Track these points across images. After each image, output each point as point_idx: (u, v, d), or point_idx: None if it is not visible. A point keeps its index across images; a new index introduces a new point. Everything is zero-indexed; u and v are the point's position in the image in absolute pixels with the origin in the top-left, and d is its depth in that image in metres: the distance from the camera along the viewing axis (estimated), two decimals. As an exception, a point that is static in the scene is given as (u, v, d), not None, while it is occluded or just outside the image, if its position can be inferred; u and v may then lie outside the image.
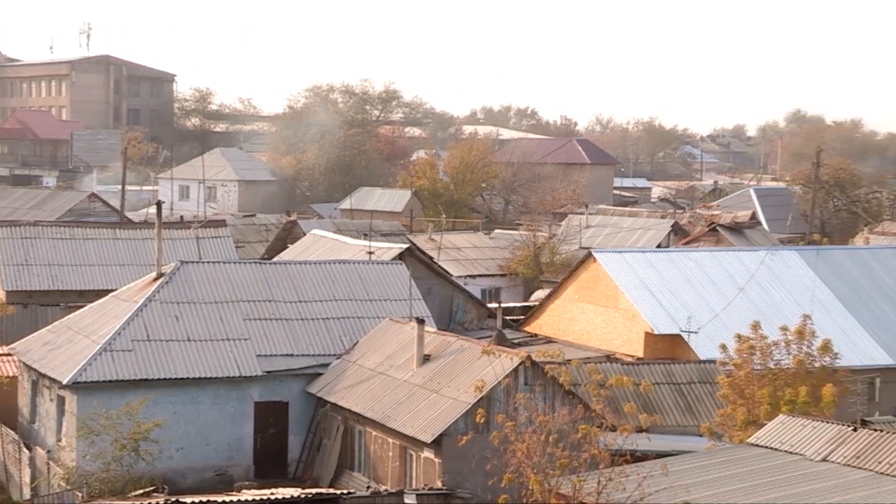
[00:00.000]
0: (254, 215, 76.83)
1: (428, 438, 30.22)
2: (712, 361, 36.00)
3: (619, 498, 22.20)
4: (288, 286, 38.98)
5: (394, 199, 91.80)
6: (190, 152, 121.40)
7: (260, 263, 41.38)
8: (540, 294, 56.19)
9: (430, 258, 54.81)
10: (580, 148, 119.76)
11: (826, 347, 31.93)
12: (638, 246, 66.10)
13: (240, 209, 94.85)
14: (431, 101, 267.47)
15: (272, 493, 28.42)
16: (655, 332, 41.93)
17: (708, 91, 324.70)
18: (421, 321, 34.57)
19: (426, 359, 33.64)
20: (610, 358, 40.91)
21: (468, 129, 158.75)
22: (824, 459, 23.70)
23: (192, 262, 39.89)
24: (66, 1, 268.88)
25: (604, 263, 44.99)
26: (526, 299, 60.25)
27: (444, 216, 79.95)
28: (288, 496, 28.08)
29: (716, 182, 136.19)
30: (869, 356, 41.85)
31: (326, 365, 36.63)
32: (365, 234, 55.12)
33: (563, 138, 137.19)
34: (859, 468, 22.96)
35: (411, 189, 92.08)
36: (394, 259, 44.27)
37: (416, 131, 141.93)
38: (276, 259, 48.74)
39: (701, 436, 32.01)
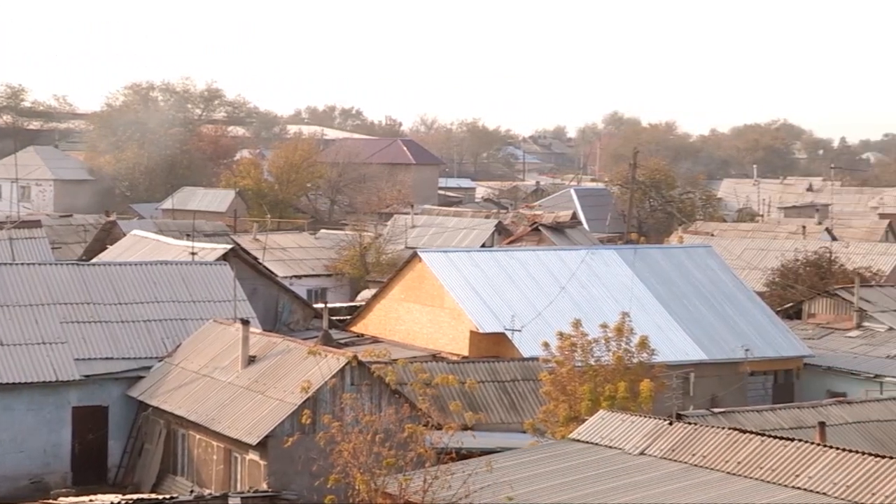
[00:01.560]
0: (71, 215, 74.70)
1: (253, 441, 29.95)
2: (535, 359, 36.59)
3: (445, 496, 22.39)
4: (107, 288, 38.10)
5: (217, 199, 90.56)
6: (2, 150, 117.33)
7: (78, 265, 40.31)
8: (366, 294, 56.23)
9: (255, 259, 54.28)
10: (405, 148, 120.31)
11: (643, 344, 32.81)
12: (463, 245, 66.76)
13: (56, 209, 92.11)
14: (255, 100, 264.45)
15: (90, 500, 27.74)
16: (480, 331, 42.42)
17: (530, 93, 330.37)
18: (246, 322, 34.23)
19: (251, 360, 33.32)
20: (436, 357, 41.20)
21: (293, 128, 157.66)
22: (642, 453, 24.36)
23: (5, 263, 38.61)
24: None
25: (429, 263, 45.29)
26: (352, 299, 60.21)
27: (268, 216, 79.22)
28: (107, 502, 27.44)
29: (538, 182, 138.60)
30: (684, 352, 43.19)
31: (148, 368, 35.94)
32: (188, 235, 54.18)
33: (389, 138, 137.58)
34: (675, 461, 23.68)
35: (235, 189, 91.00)
36: (217, 260, 43.70)
37: (239, 131, 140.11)
38: (94, 260, 47.50)
39: (525, 432, 32.51)
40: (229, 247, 48.24)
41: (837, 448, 22.47)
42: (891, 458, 21.65)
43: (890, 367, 43.20)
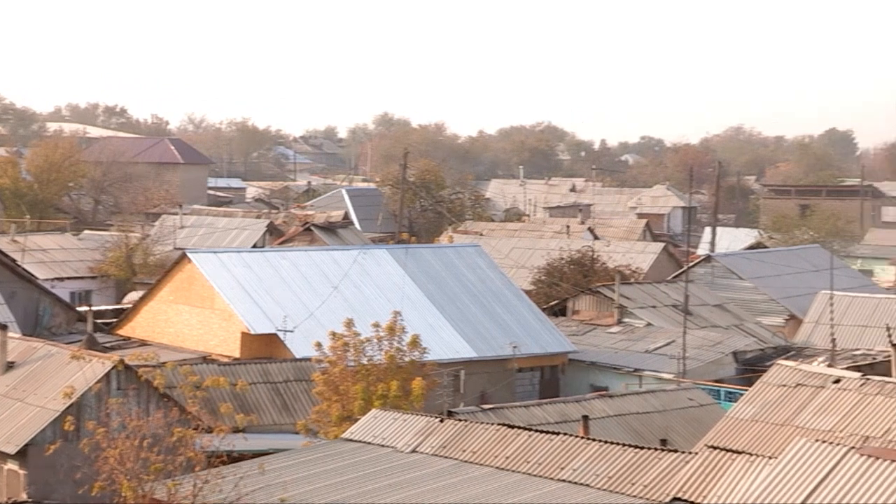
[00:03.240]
0: None
1: (11, 450, 28.79)
2: (308, 359, 36.46)
3: (217, 499, 22.06)
4: None
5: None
6: None
7: None
8: (133, 296, 54.79)
9: (14, 261, 52.08)
10: (173, 147, 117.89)
11: (415, 342, 33.13)
12: (234, 246, 65.90)
13: None
14: (11, 96, 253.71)
15: None
16: (252, 332, 41.98)
17: (300, 92, 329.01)
18: (3, 327, 32.88)
19: (10, 366, 32.01)
20: (206, 359, 40.53)
21: (52, 126, 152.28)
22: (414, 450, 24.60)
23: None
24: None
25: (199, 264, 44.53)
26: (119, 302, 58.55)
27: (28, 217, 76.19)
28: None
29: (309, 182, 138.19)
30: (454, 350, 43.85)
31: None
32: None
33: (155, 138, 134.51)
34: (446, 457, 24.01)
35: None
36: (-27, 262, 41.78)
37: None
38: None
39: (297, 433, 32.37)
40: (-14, 248, 46.19)
41: (600, 441, 23.26)
42: (649, 448, 22.55)
43: (648, 361, 44.98)
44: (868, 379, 27.76)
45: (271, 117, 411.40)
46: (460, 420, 25.56)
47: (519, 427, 24.54)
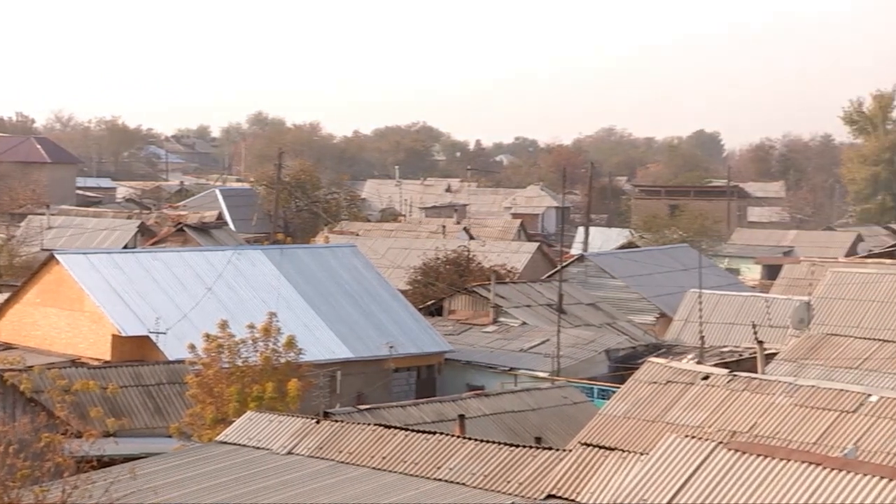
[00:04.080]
0: None
1: None
2: (181, 361, 35.96)
3: (86, 506, 21.60)
4: None
5: None
6: None
7: None
8: (-2, 299, 53.37)
9: None
10: (39, 146, 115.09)
11: (291, 343, 32.94)
12: (104, 247, 64.62)
13: None
14: None
15: None
16: (123, 335, 41.25)
17: (171, 90, 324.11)
18: None
19: None
20: (75, 362, 39.67)
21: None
22: (290, 452, 24.44)
23: None
24: None
25: (67, 265, 43.58)
26: (-17, 305, 56.96)
27: None
28: None
29: (182, 182, 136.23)
30: (330, 350, 43.69)
31: None
32: None
33: (20, 136, 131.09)
34: (322, 458, 23.90)
35: None
36: None
37: None
38: None
39: (170, 436, 31.90)
40: None
41: (476, 439, 23.40)
42: (524, 447, 22.78)
43: (523, 360, 45.42)
44: (735, 375, 28.47)
45: (142, 116, 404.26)
46: (336, 421, 25.46)
47: (395, 427, 24.55)
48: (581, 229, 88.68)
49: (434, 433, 23.85)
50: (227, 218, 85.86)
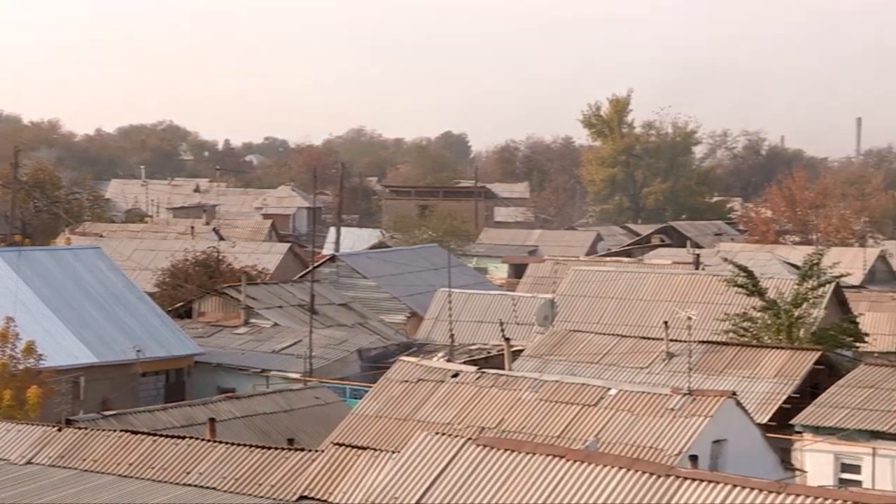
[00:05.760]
0: None
1: None
2: None
3: None
4: None
5: None
6: None
7: None
8: None
9: None
10: None
11: (29, 349, 31.78)
12: None
13: None
14: None
15: None
16: None
17: None
18: None
19: None
20: None
21: None
22: (29, 462, 23.53)
23: None
24: None
25: None
26: None
27: None
28: None
29: None
30: (73, 355, 42.18)
31: None
32: None
33: None
34: (64, 467, 23.12)
35: None
36: None
37: None
38: None
39: None
40: None
41: (227, 443, 23.13)
42: (276, 448, 22.65)
43: (275, 361, 45.11)
44: (484, 372, 29.16)
45: None
46: (80, 428, 24.64)
47: (142, 433, 23.99)
48: (332, 230, 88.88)
49: (183, 437, 23.42)
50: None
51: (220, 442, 23.25)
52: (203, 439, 23.70)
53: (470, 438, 19.80)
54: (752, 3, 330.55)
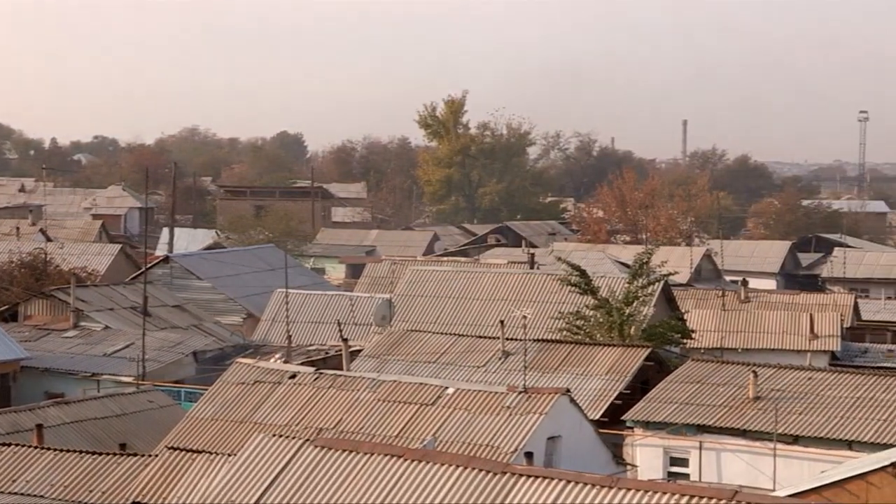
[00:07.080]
0: None
1: None
2: None
3: None
4: None
5: None
6: None
7: None
8: None
9: None
10: None
11: None
12: None
13: None
14: None
15: None
16: None
17: None
18: None
19: None
20: None
21: None
22: None
23: None
24: None
25: None
26: None
27: None
28: None
29: None
30: None
31: None
32: None
33: None
34: None
35: None
36: None
37: None
38: None
39: None
40: None
41: (55, 449, 22.48)
42: (107, 454, 22.11)
43: (107, 364, 44.05)
44: (322, 373, 29.03)
45: None
46: None
47: (-34, 441, 23.11)
48: (166, 230, 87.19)
49: (8, 445, 22.67)
50: None
51: (49, 448, 22.61)
52: (30, 446, 22.99)
53: (307, 440, 19.68)
54: (596, 9, 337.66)
